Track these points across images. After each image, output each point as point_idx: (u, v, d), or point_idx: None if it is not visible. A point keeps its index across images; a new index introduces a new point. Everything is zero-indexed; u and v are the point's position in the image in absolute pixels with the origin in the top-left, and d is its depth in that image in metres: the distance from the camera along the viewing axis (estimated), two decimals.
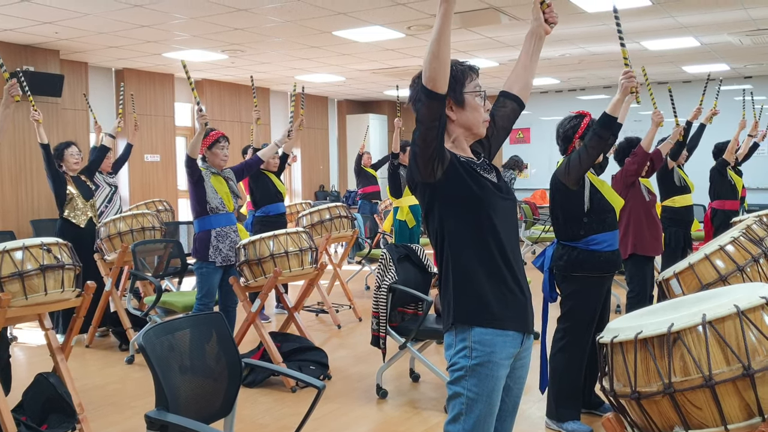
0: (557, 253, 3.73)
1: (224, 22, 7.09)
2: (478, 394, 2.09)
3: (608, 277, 3.78)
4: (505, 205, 2.17)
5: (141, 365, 5.08)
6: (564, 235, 3.72)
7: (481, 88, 2.20)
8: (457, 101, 2.16)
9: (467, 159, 2.18)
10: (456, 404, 2.12)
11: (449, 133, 2.20)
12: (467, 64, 2.21)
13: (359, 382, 4.69)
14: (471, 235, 2.11)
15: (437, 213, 2.14)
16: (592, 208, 3.64)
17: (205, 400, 2.55)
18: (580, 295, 3.70)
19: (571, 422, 3.76)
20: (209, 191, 4.67)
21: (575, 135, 3.73)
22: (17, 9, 6.48)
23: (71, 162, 5.79)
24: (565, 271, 3.69)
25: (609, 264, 3.68)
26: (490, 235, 2.11)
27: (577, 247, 3.65)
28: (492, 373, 2.09)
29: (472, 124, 2.19)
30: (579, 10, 6.66)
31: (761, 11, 6.87)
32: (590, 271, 3.65)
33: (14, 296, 3.39)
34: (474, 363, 2.08)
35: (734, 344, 1.92)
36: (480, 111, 2.18)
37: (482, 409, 2.09)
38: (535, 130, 13.33)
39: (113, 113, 9.87)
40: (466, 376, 2.09)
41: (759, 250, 2.98)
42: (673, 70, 10.61)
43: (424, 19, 6.99)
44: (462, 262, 2.12)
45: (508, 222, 2.17)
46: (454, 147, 2.20)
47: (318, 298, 6.94)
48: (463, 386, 2.10)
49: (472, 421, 2.09)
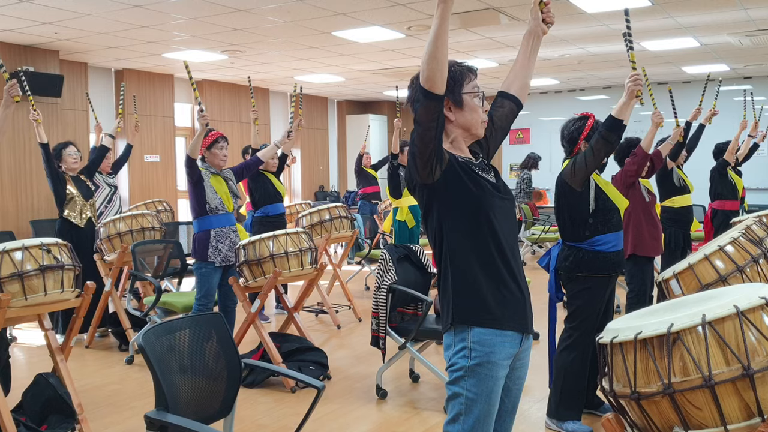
0: (563, 254, 3.75)
1: (224, 23, 7.09)
2: (478, 394, 2.09)
3: (613, 278, 3.79)
4: (503, 205, 2.18)
5: (141, 366, 5.08)
6: (569, 236, 3.73)
7: (480, 89, 2.21)
8: (455, 102, 2.16)
9: (466, 159, 2.18)
10: (455, 404, 2.12)
11: (447, 134, 2.20)
12: (466, 64, 2.21)
13: (359, 383, 4.69)
14: (469, 235, 2.11)
15: (436, 214, 2.15)
16: (597, 209, 3.66)
17: (205, 400, 2.55)
18: (586, 296, 3.71)
19: (571, 422, 3.76)
20: (209, 191, 4.67)
21: (580, 137, 3.75)
22: (17, 9, 6.48)
23: (70, 162, 5.80)
24: (571, 272, 3.70)
25: (614, 264, 3.70)
26: (489, 236, 2.11)
27: (582, 248, 3.67)
28: (491, 373, 2.09)
29: (470, 124, 2.19)
30: (579, 10, 6.66)
31: (761, 12, 6.87)
32: (595, 271, 3.67)
33: (14, 297, 3.39)
34: (473, 363, 2.08)
35: (734, 345, 1.92)
36: (478, 112, 2.19)
37: (481, 409, 2.09)
38: (534, 131, 13.33)
39: (113, 113, 9.88)
40: (466, 376, 2.09)
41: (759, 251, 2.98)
42: (673, 70, 10.61)
43: (424, 20, 6.99)
44: (460, 263, 2.12)
45: (506, 222, 2.17)
46: (452, 147, 2.20)
47: (318, 298, 6.94)
48: (462, 386, 2.10)
49: (472, 422, 2.09)
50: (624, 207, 3.81)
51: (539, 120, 13.06)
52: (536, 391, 4.24)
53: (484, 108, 2.21)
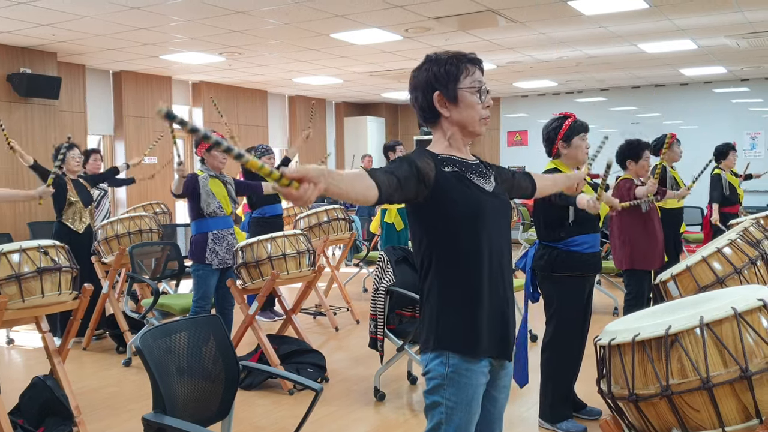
0: (538, 253, 3.77)
1: (222, 25, 7.09)
2: (457, 402, 2.02)
3: (588, 278, 3.79)
4: (496, 208, 2.08)
5: (138, 368, 5.07)
6: (544, 236, 3.75)
7: (482, 83, 2.08)
8: (449, 98, 2.05)
9: (459, 162, 2.08)
10: (435, 414, 2.05)
11: (444, 132, 2.10)
12: (468, 56, 2.09)
13: (357, 385, 4.68)
14: (453, 256, 2.02)
15: (419, 231, 2.07)
16: (576, 216, 3.65)
17: (203, 402, 2.55)
18: (562, 296, 3.72)
19: (565, 422, 3.78)
20: (205, 197, 4.67)
21: (557, 137, 3.74)
22: (15, 11, 6.47)
23: (73, 165, 5.81)
24: (545, 271, 3.71)
25: (589, 265, 3.70)
26: (473, 256, 2.01)
27: (557, 248, 3.68)
28: (470, 381, 2.03)
29: (467, 122, 2.08)
30: (576, 13, 6.67)
31: (758, 14, 6.88)
32: (569, 270, 3.67)
33: (11, 299, 3.39)
34: (451, 371, 2.02)
35: (732, 346, 1.92)
36: (476, 108, 2.07)
37: (462, 417, 2.03)
38: (532, 133, 13.33)
39: (110, 115, 9.87)
40: (444, 384, 2.03)
41: (756, 253, 2.98)
42: (670, 72, 10.63)
43: (421, 22, 6.99)
44: (441, 284, 2.03)
45: (497, 228, 2.07)
46: (449, 147, 2.10)
47: (316, 300, 6.94)
48: (441, 395, 2.03)
49: (452, 431, 2.03)
50: (605, 213, 3.81)
51: (537, 122, 13.05)
52: (533, 394, 4.23)
53: (485, 103, 2.08)
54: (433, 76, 2.06)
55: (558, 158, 3.78)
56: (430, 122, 2.13)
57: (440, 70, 2.05)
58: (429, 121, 2.13)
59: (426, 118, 2.12)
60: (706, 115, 11.55)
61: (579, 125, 3.73)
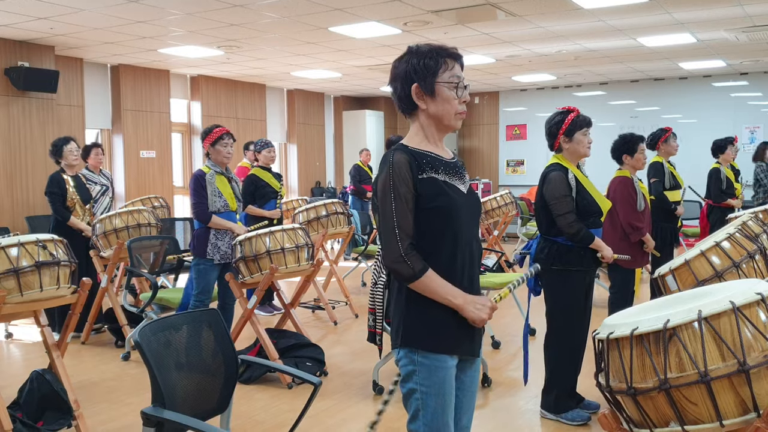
0: (539, 246, 3.79)
1: (220, 18, 7.07)
2: (430, 386, 2.06)
3: (589, 272, 3.80)
4: (469, 214, 2.13)
5: (137, 362, 5.07)
6: (546, 230, 3.76)
7: (461, 78, 2.10)
8: (427, 91, 2.07)
9: (435, 162, 2.09)
10: (412, 402, 2.09)
11: (420, 124, 2.13)
12: (448, 51, 2.10)
13: (356, 379, 4.69)
14: (423, 253, 2.08)
15: None
16: (579, 211, 3.66)
17: (202, 396, 2.55)
18: (562, 289, 3.74)
19: (569, 412, 3.80)
20: (211, 195, 4.69)
21: (559, 131, 3.74)
22: (12, 4, 6.45)
23: (71, 159, 5.79)
24: (545, 264, 3.72)
25: (589, 260, 3.72)
26: (444, 255, 2.08)
27: (557, 242, 3.70)
28: (440, 364, 2.07)
29: (443, 115, 2.10)
30: (575, 6, 6.65)
31: (757, 7, 6.87)
32: (570, 264, 3.68)
33: (9, 293, 3.38)
34: (422, 358, 2.07)
35: (730, 340, 1.92)
36: (452, 103, 2.09)
37: (437, 401, 2.06)
38: (531, 127, 13.31)
39: (108, 109, 9.85)
40: (417, 370, 2.07)
41: (754, 247, 2.98)
42: (670, 66, 10.61)
43: (420, 15, 6.97)
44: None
45: (468, 230, 2.12)
46: (425, 140, 2.13)
47: (314, 294, 6.94)
48: (415, 381, 2.08)
49: (430, 416, 2.06)
50: (607, 209, 3.81)
51: (536, 116, 13.04)
52: (532, 386, 4.24)
53: (463, 98, 2.11)
54: (413, 68, 2.08)
55: (560, 153, 3.79)
56: (408, 113, 2.16)
57: (420, 62, 2.07)
58: (406, 112, 2.16)
59: (404, 109, 2.16)
60: (705, 109, 11.54)
61: (582, 120, 3.73)
